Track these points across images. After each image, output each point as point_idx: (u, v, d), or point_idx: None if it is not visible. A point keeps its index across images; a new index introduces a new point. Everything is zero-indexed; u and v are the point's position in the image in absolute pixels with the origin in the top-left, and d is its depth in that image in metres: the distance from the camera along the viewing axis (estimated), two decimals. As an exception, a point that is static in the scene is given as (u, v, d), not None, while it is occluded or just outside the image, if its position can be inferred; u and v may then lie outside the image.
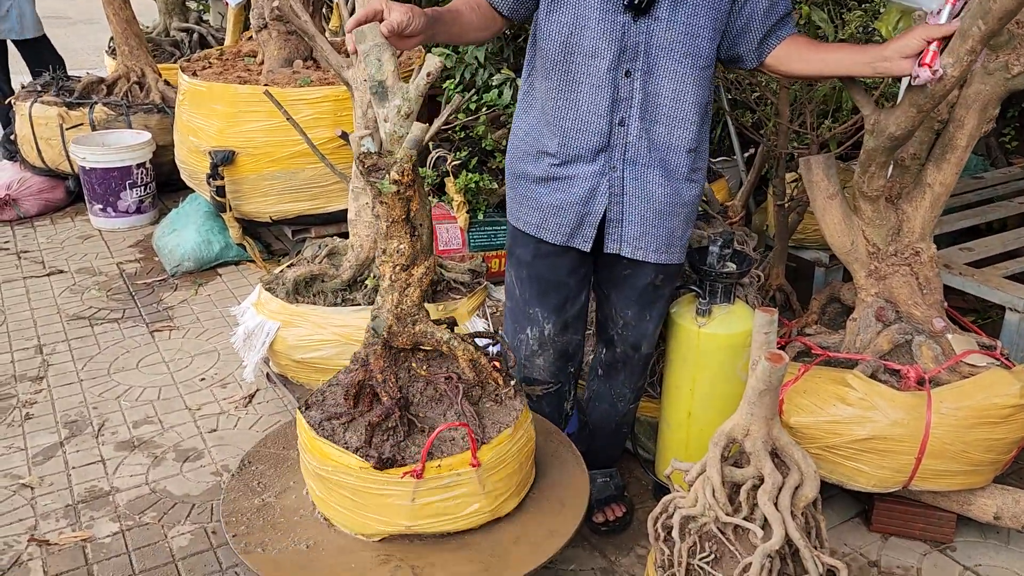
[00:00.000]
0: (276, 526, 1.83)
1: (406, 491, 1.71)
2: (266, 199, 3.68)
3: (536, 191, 2.02)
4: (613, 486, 2.34)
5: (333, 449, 1.74)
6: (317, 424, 1.80)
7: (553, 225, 2.02)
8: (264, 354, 2.69)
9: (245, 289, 3.81)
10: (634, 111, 1.89)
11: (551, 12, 1.87)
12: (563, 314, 2.11)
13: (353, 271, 2.73)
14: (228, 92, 3.59)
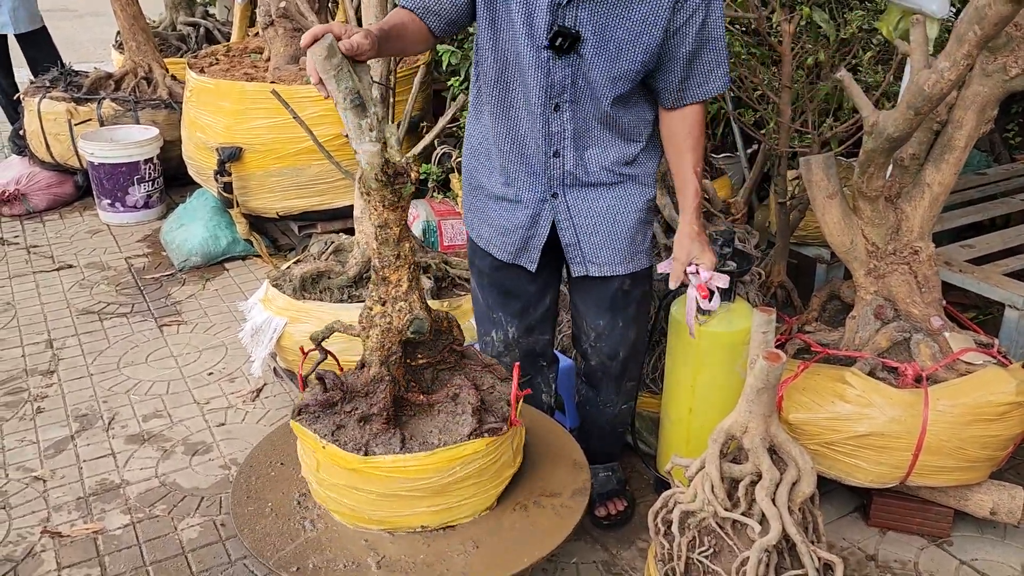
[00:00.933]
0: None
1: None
2: (272, 195, 3.72)
3: (488, 206, 2.05)
4: (615, 480, 2.38)
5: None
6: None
7: (500, 243, 2.06)
8: (271, 350, 2.73)
9: (252, 284, 3.85)
10: (567, 142, 1.90)
11: (486, 39, 1.85)
12: (526, 318, 2.15)
13: (359, 267, 2.77)
14: (235, 89, 3.62)
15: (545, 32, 1.75)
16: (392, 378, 1.81)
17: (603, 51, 1.78)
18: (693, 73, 1.85)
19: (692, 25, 1.78)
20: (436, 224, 3.70)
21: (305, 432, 1.83)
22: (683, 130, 1.91)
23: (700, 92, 1.89)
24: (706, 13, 1.78)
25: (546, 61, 1.79)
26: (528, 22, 1.77)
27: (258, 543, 1.79)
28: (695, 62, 1.84)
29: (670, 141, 1.95)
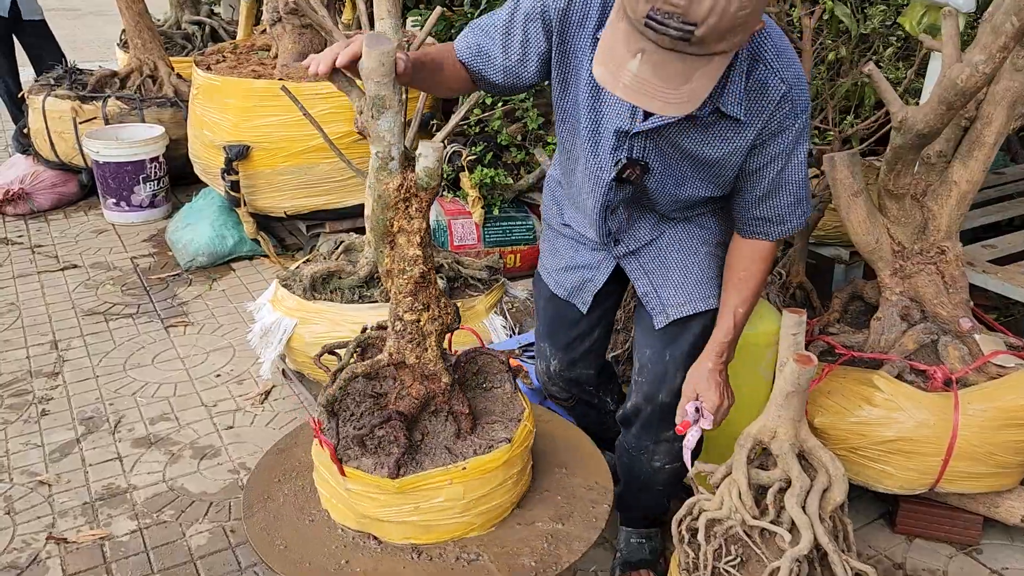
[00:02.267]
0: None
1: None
2: (281, 194, 3.66)
3: (557, 239, 2.02)
4: (648, 550, 2.10)
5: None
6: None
7: (559, 278, 2.02)
8: (281, 351, 2.67)
9: (259, 284, 3.80)
10: (623, 231, 1.85)
11: (557, 109, 1.69)
12: (570, 352, 2.08)
13: (370, 267, 2.71)
14: (242, 86, 3.57)
15: (610, 155, 1.63)
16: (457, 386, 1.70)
17: (668, 180, 1.68)
18: (765, 211, 1.70)
19: (770, 170, 1.63)
20: (446, 223, 3.65)
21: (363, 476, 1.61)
22: (740, 261, 1.77)
23: (769, 231, 1.73)
24: (787, 160, 1.62)
25: (606, 182, 1.70)
26: (594, 139, 1.64)
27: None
28: (768, 202, 1.69)
29: (727, 265, 1.80)
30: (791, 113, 1.55)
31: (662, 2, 1.21)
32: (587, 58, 1.53)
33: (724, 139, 1.57)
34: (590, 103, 1.59)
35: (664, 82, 1.27)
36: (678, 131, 1.57)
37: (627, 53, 1.28)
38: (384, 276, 1.53)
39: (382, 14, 2.53)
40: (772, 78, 1.50)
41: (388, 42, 1.30)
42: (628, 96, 1.30)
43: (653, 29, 1.23)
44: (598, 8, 1.50)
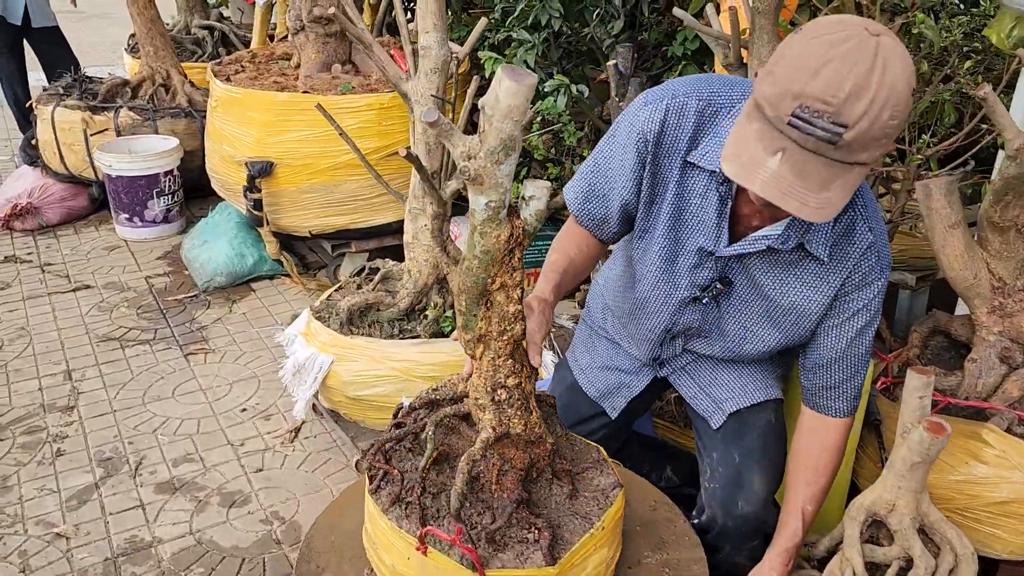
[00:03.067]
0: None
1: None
2: (305, 213, 3.47)
3: (592, 338, 1.91)
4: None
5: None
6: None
7: (592, 376, 1.88)
8: (316, 390, 2.48)
9: (281, 306, 3.61)
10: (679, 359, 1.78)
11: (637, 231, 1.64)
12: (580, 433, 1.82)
13: (411, 299, 2.52)
14: (266, 100, 3.38)
15: (687, 273, 1.57)
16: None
17: (738, 317, 1.61)
18: (839, 374, 1.61)
19: (849, 328, 1.56)
20: (480, 244, 3.45)
21: (516, 572, 1.33)
22: (808, 444, 1.64)
23: (841, 405, 1.63)
24: (866, 322, 1.55)
25: (677, 300, 1.62)
26: (671, 258, 1.57)
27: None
28: (843, 365, 1.60)
29: (793, 451, 1.66)
30: (877, 266, 1.50)
31: (813, 100, 1.14)
32: (674, 180, 1.50)
33: (805, 282, 1.52)
34: (671, 223, 1.54)
35: (804, 184, 1.19)
36: (760, 264, 1.52)
37: (764, 152, 1.21)
38: (474, 343, 1.32)
39: (428, 27, 2.34)
40: (860, 224, 1.47)
41: (530, 75, 1.08)
42: (765, 192, 1.21)
43: (798, 128, 1.16)
44: (691, 130, 1.47)
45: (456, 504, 1.30)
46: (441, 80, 2.39)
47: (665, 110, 1.46)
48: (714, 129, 1.45)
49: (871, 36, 1.14)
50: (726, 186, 1.45)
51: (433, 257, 2.52)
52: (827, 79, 1.13)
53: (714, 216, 1.48)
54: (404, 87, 2.46)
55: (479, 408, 1.36)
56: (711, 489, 1.71)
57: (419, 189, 2.48)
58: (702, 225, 1.51)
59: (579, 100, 3.54)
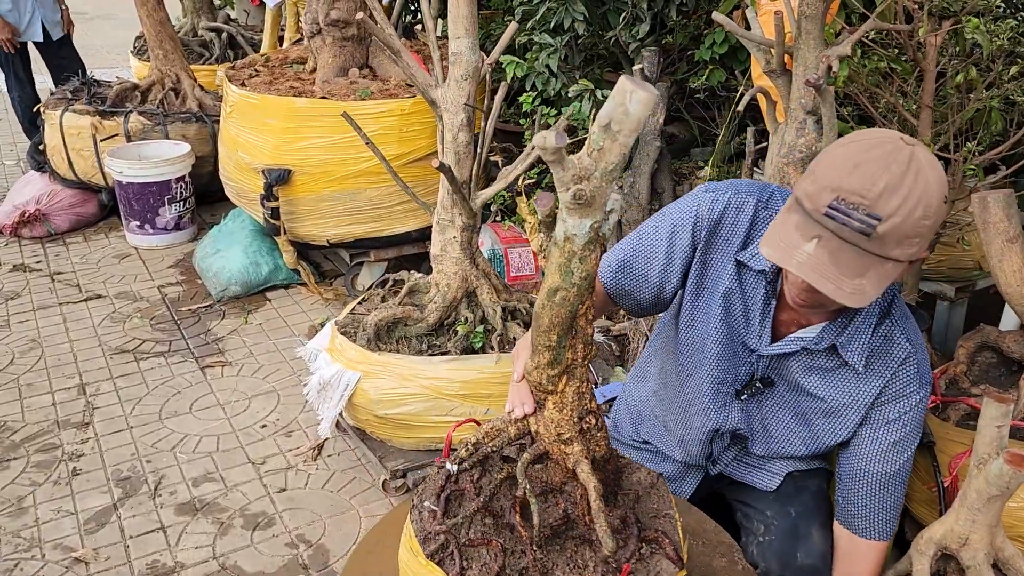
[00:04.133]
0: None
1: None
2: (324, 221, 3.39)
3: (628, 452, 1.80)
4: None
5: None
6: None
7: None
8: (343, 407, 2.40)
9: (297, 316, 3.53)
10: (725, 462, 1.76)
11: (674, 328, 1.66)
12: None
13: (439, 314, 2.44)
14: (283, 105, 3.30)
15: (734, 369, 1.59)
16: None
17: (784, 413, 1.61)
18: (862, 491, 1.58)
19: (885, 436, 1.54)
20: (503, 252, 3.38)
21: None
22: (840, 570, 1.62)
23: (859, 525, 1.59)
24: (901, 436, 1.54)
25: (726, 395, 1.62)
26: (721, 351, 1.58)
27: None
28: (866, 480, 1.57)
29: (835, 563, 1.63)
30: (916, 379, 1.50)
31: (850, 193, 1.22)
32: (726, 273, 1.53)
33: (843, 387, 1.54)
34: (723, 316, 1.55)
35: (838, 269, 1.25)
36: (800, 368, 1.54)
37: (802, 238, 1.27)
38: (558, 377, 1.23)
39: (459, 32, 2.26)
40: (898, 335, 1.49)
41: (649, 85, 0.99)
42: (801, 271, 1.26)
43: (834, 218, 1.23)
44: (746, 228, 1.50)
45: (611, 545, 1.20)
46: (472, 87, 2.31)
47: (727, 202, 1.50)
48: (765, 231, 1.45)
49: (907, 145, 1.24)
50: (771, 286, 1.50)
51: (463, 270, 2.44)
52: (863, 175, 1.21)
53: (758, 315, 1.53)
54: (433, 94, 2.38)
55: (563, 443, 1.27)
56: (766, 542, 1.64)
57: (448, 200, 2.40)
58: (747, 323, 1.55)
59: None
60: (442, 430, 2.36)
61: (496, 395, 2.33)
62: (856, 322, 1.47)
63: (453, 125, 2.35)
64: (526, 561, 1.26)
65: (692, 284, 1.57)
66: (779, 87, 2.30)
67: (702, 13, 3.36)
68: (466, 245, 2.44)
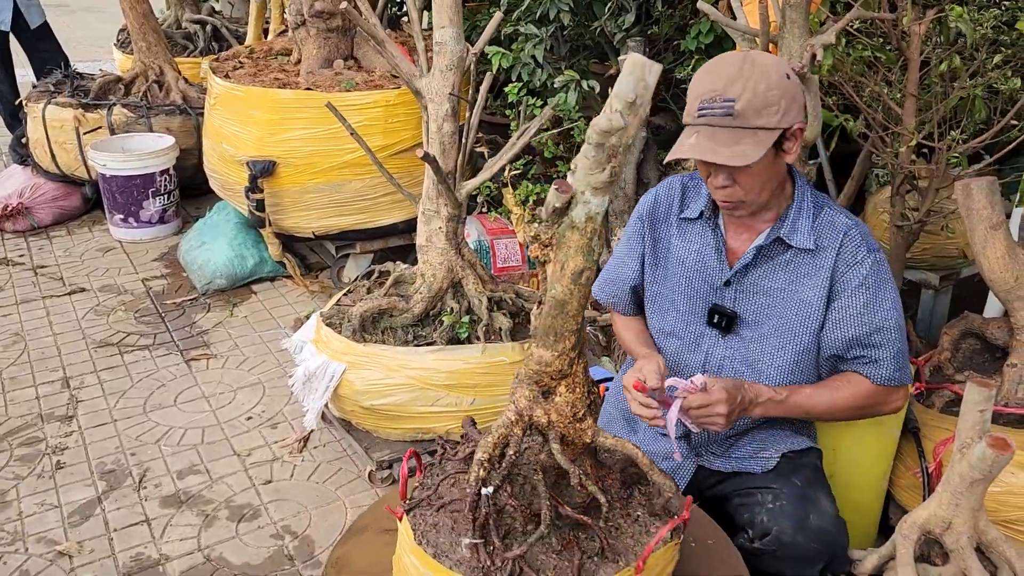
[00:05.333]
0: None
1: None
2: (309, 213, 3.37)
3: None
4: None
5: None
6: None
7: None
8: (328, 398, 2.39)
9: (283, 309, 3.51)
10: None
11: (649, 300, 1.88)
12: None
13: (425, 304, 2.43)
14: (268, 97, 3.27)
15: (704, 311, 1.77)
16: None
17: (764, 328, 1.73)
18: (859, 351, 1.69)
19: (854, 303, 1.66)
20: (489, 244, 3.37)
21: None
22: (829, 380, 1.74)
23: (866, 370, 1.69)
24: (871, 297, 1.66)
25: (703, 334, 1.78)
26: (688, 305, 1.78)
27: None
28: (862, 343, 1.68)
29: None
30: (862, 246, 1.67)
31: (707, 93, 1.55)
32: (674, 236, 1.80)
33: (805, 273, 1.69)
34: (680, 271, 1.78)
35: (716, 143, 1.54)
36: (763, 273, 1.71)
37: (686, 139, 1.58)
38: (577, 357, 1.29)
39: (443, 22, 2.25)
40: (838, 217, 1.70)
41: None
42: (689, 152, 1.55)
43: (703, 116, 1.55)
44: (679, 196, 1.81)
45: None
46: (457, 77, 2.30)
47: (656, 191, 1.84)
48: (697, 190, 1.78)
49: (743, 52, 1.62)
50: (712, 222, 1.74)
51: (448, 260, 2.44)
52: (712, 77, 1.56)
53: (713, 252, 1.74)
54: (417, 84, 2.36)
55: (579, 421, 1.35)
56: (776, 508, 1.62)
57: (433, 190, 2.39)
58: (706, 266, 1.75)
59: (589, 96, 3.46)
60: (428, 420, 2.35)
61: (482, 385, 2.33)
62: (793, 218, 1.68)
63: (438, 115, 2.34)
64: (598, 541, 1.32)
65: (649, 264, 1.83)
66: (764, 76, 2.30)
67: (687, 3, 3.36)
68: (451, 235, 2.43)
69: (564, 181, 1.23)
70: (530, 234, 1.29)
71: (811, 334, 1.69)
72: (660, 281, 1.82)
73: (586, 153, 1.20)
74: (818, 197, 1.73)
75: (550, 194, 1.24)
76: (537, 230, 1.29)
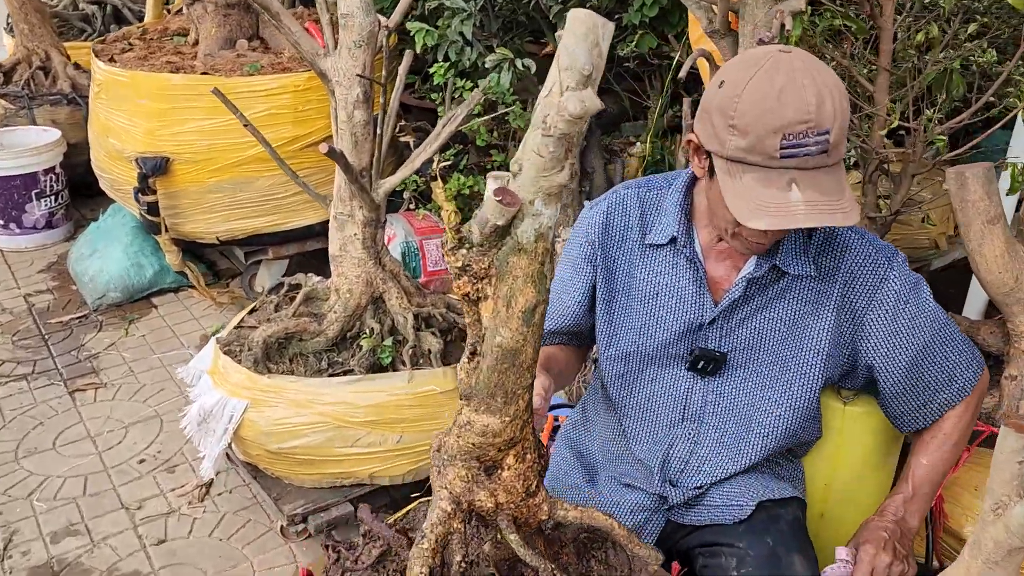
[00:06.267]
0: None
1: None
2: (211, 216, 2.97)
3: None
4: None
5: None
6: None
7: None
8: (228, 442, 2.02)
9: (188, 325, 3.11)
10: (685, 472, 1.50)
11: (605, 340, 1.50)
12: None
13: (341, 324, 2.08)
14: (157, 83, 2.86)
15: (684, 353, 1.44)
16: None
17: (752, 377, 1.43)
18: (928, 380, 1.41)
19: (900, 326, 1.38)
20: (417, 244, 3.03)
21: None
22: (930, 438, 1.47)
23: (945, 399, 1.43)
24: (916, 312, 1.38)
25: (681, 378, 1.46)
26: (662, 345, 1.45)
27: None
28: (926, 369, 1.41)
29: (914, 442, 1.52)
30: (878, 257, 1.38)
31: (792, 125, 1.17)
32: (636, 266, 1.46)
33: (806, 302, 1.39)
34: (648, 309, 1.45)
35: (830, 196, 1.21)
36: (755, 307, 1.40)
37: (777, 191, 1.20)
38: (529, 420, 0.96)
39: None
40: (834, 229, 1.39)
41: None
42: (811, 222, 1.20)
43: (794, 156, 1.19)
44: (637, 216, 1.46)
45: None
46: (367, 56, 1.94)
47: (607, 206, 1.48)
48: (659, 208, 1.44)
49: (786, 54, 1.21)
50: (687, 250, 1.40)
51: (366, 272, 2.09)
52: (791, 102, 1.17)
53: (692, 286, 1.42)
54: (322, 65, 2.00)
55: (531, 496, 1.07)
56: (745, 574, 1.37)
57: (346, 191, 2.03)
58: (684, 302, 1.43)
59: (524, 76, 3.12)
60: (348, 464, 2.01)
61: (410, 419, 1.99)
62: (786, 238, 1.37)
63: (347, 101, 1.98)
64: None
65: (603, 298, 1.48)
66: (723, 49, 2.01)
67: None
68: (369, 243, 2.08)
69: (507, 190, 0.90)
70: (456, 264, 0.96)
71: (815, 375, 1.41)
72: (618, 320, 1.49)
73: (539, 148, 0.88)
74: None
75: (489, 209, 0.92)
76: (466, 258, 0.96)
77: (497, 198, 0.88)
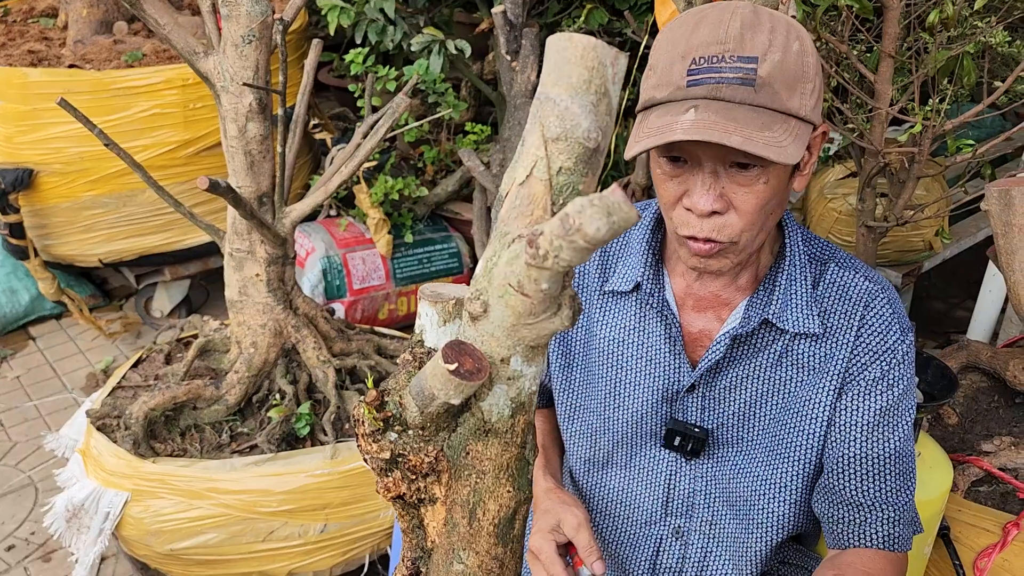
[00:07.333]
0: None
1: None
2: (90, 236, 2.51)
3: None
4: None
5: None
6: None
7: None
8: (105, 545, 1.61)
9: (73, 360, 2.65)
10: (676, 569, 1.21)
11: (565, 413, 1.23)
12: None
13: (245, 386, 1.68)
14: (14, 79, 2.37)
15: (660, 425, 1.15)
16: None
17: (739, 459, 1.13)
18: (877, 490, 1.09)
19: (871, 412, 1.07)
20: (341, 260, 2.62)
21: None
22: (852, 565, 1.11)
23: (856, 534, 1.10)
24: (897, 403, 1.07)
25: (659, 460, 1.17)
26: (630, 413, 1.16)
27: None
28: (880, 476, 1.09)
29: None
30: (894, 323, 1.07)
31: (702, 47, 0.93)
32: (595, 320, 1.17)
33: (807, 367, 1.09)
34: (613, 374, 1.16)
35: (736, 123, 0.91)
36: (743, 371, 1.10)
37: (674, 116, 0.93)
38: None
39: None
40: (852, 278, 1.10)
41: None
42: (692, 135, 0.90)
43: (700, 82, 0.93)
44: (596, 258, 1.18)
45: None
46: (260, 55, 1.52)
47: None
48: (625, 249, 1.17)
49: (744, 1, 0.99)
50: (657, 295, 1.11)
51: (274, 320, 1.69)
52: (709, 26, 0.95)
53: (663, 343, 1.12)
54: (203, 65, 1.57)
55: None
56: None
57: (242, 224, 1.62)
58: (654, 364, 1.14)
59: (457, 60, 2.72)
60: (261, 562, 1.62)
61: (335, 504, 1.61)
62: (784, 285, 1.08)
63: (237, 112, 1.56)
64: None
65: (558, 363, 1.20)
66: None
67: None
68: (276, 284, 1.68)
69: (466, 349, 0.53)
70: (382, 455, 0.59)
71: (814, 458, 1.11)
72: (579, 388, 1.20)
73: (522, 282, 0.50)
74: (816, 245, 1.13)
75: (436, 381, 0.55)
76: (397, 446, 0.59)
77: (450, 366, 0.51)
